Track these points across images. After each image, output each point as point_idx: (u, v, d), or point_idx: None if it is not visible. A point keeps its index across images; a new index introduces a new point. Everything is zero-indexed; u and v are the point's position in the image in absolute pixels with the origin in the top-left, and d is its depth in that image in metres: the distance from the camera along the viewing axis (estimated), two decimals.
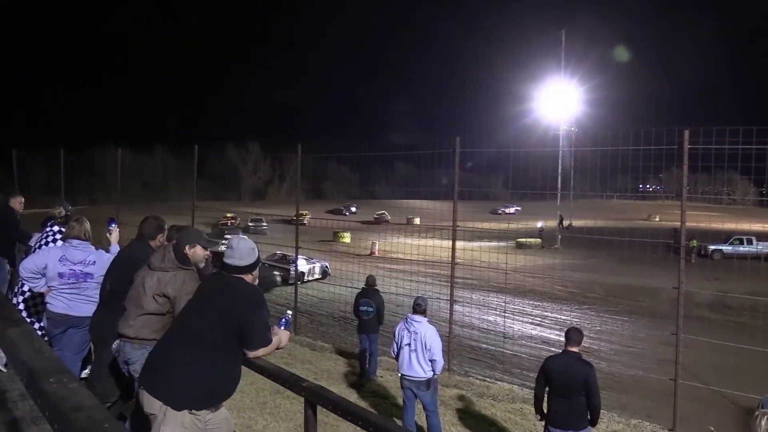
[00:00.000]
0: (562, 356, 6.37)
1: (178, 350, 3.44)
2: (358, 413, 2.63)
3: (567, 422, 6.12)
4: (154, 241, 5.11)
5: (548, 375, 6.25)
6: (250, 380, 6.27)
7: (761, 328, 14.93)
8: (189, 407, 3.35)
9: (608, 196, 47.90)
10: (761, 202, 32.28)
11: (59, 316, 5.50)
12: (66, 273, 5.44)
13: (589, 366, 6.21)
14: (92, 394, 1.43)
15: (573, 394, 6.06)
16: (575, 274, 28.40)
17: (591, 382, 6.05)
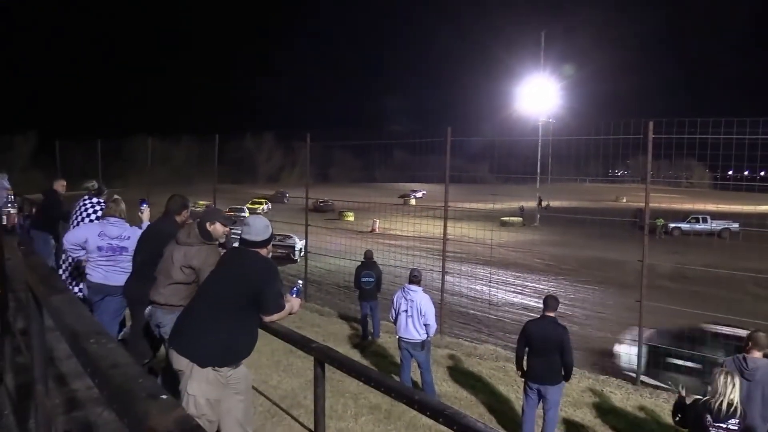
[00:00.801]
0: (540, 320, 6.45)
1: (203, 315, 3.47)
2: (361, 370, 2.65)
3: (544, 378, 6.22)
4: (179, 217, 5.11)
5: (528, 336, 6.34)
6: (266, 341, 6.27)
7: (714, 296, 15.01)
8: (212, 364, 3.39)
9: (581, 180, 47.76)
10: (715, 186, 32.22)
11: (97, 285, 5.54)
12: (104, 246, 5.48)
13: (564, 329, 6.32)
14: (128, 353, 1.44)
15: (550, 353, 6.17)
16: (552, 249, 28.44)
17: (565, 342, 6.17)
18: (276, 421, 5.59)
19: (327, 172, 72.36)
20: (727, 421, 4.25)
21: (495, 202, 28.16)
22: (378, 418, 6.36)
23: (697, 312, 10.64)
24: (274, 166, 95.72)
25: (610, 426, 7.33)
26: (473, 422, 1.96)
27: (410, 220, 20.92)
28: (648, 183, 9.35)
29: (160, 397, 1.09)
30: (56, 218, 9.03)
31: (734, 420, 4.26)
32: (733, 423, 4.26)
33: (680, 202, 40.49)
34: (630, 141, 9.83)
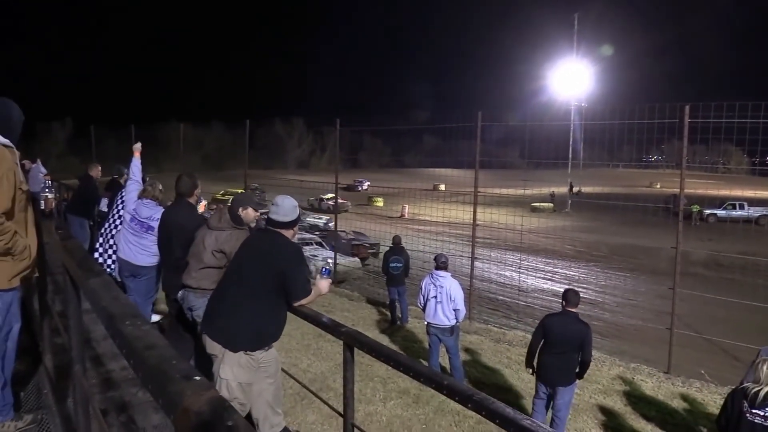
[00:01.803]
0: (562, 315, 6.11)
1: (233, 299, 3.52)
2: (390, 355, 2.66)
3: (557, 380, 5.92)
4: (191, 198, 5.18)
5: (547, 331, 6.02)
6: (296, 325, 6.36)
7: (749, 284, 14.66)
8: (244, 349, 3.44)
9: (614, 165, 47.07)
10: (753, 171, 31.48)
11: (124, 262, 5.77)
12: (135, 219, 5.73)
13: (587, 326, 5.99)
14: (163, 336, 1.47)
15: (569, 350, 5.88)
16: (583, 235, 28.13)
17: (587, 340, 5.87)
18: (306, 403, 5.67)
19: (356, 157, 72.42)
20: (765, 408, 4.11)
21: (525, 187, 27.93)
22: (406, 402, 6.40)
23: (731, 300, 10.44)
24: (305, 151, 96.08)
25: (641, 414, 7.26)
26: (502, 408, 1.96)
27: (440, 206, 20.87)
28: (683, 168, 9.16)
29: (193, 378, 1.12)
30: (92, 203, 9.23)
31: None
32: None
33: (716, 188, 39.66)
34: (665, 125, 9.63)
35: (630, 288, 20.63)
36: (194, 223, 4.77)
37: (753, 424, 4.11)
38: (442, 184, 44.54)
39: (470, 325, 10.88)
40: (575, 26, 50.55)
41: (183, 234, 4.73)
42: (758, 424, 4.09)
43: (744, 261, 17.74)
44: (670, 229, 9.58)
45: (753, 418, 4.13)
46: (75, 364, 2.40)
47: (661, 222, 17.85)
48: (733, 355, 9.37)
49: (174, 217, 5.06)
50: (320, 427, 5.37)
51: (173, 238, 4.94)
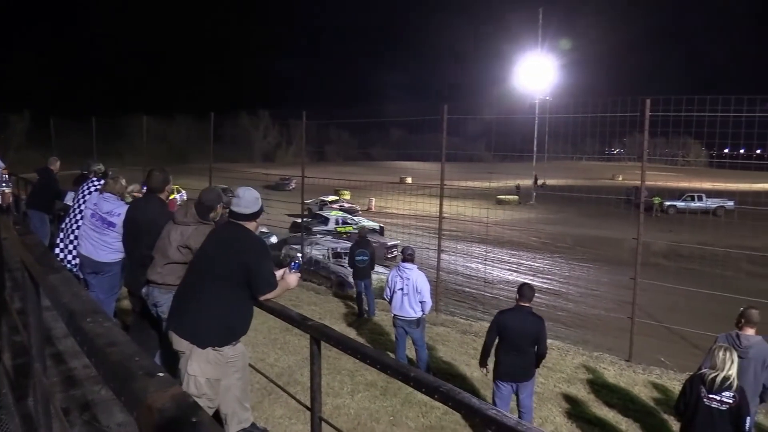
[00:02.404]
0: (516, 312, 6.02)
1: (199, 296, 3.48)
2: (357, 348, 2.66)
3: (518, 375, 5.89)
4: (162, 194, 5.09)
5: (503, 328, 5.93)
6: (263, 320, 6.33)
7: (708, 274, 15.09)
8: (212, 345, 3.41)
9: (578, 158, 47.74)
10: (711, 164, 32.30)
11: (85, 258, 5.66)
12: (96, 215, 5.62)
13: (541, 320, 5.98)
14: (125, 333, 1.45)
15: (526, 346, 5.86)
16: (548, 227, 28.53)
17: (543, 334, 5.88)
18: (273, 398, 5.65)
19: (323, 150, 72.05)
20: (721, 393, 4.36)
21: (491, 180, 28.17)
22: (374, 395, 6.42)
23: (690, 289, 10.71)
24: (270, 144, 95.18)
25: (603, 401, 7.42)
26: (468, 398, 1.98)
27: (406, 199, 20.91)
28: (644, 161, 9.35)
29: (156, 374, 1.10)
30: (51, 197, 9.03)
31: (728, 393, 4.35)
32: (727, 396, 4.35)
33: (676, 180, 40.59)
34: (626, 119, 9.82)
35: (593, 278, 21.01)
36: (165, 219, 4.71)
37: (710, 409, 4.35)
38: (408, 176, 44.69)
39: (437, 317, 10.96)
40: (540, 20, 51.09)
41: (153, 230, 4.66)
42: (715, 408, 4.36)
43: (702, 251, 18.24)
44: (632, 220, 9.77)
45: (710, 403, 4.38)
46: (35, 363, 2.35)
47: (623, 213, 18.19)
48: (692, 343, 9.62)
49: (143, 212, 4.94)
50: (288, 422, 5.36)
51: (143, 234, 4.86)
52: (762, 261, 19.96)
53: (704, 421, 4.41)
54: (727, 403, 4.36)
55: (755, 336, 5.52)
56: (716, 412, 4.37)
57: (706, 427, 4.41)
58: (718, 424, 4.36)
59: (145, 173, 5.92)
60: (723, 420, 4.34)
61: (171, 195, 12.76)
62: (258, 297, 3.46)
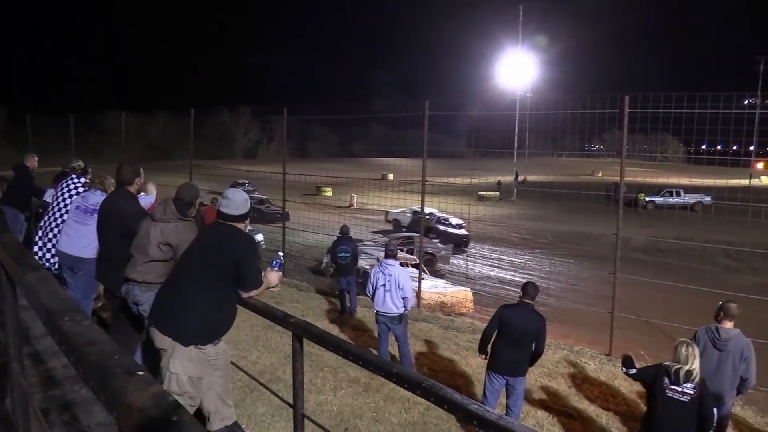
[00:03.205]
0: (519, 308, 6.11)
1: (183, 292, 3.46)
2: (339, 344, 2.66)
3: (515, 370, 5.97)
4: (132, 186, 5.05)
5: (505, 322, 6.01)
6: (245, 317, 6.30)
7: (686, 268, 15.30)
8: (195, 342, 3.39)
9: (558, 154, 48.16)
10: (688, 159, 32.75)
11: (62, 254, 5.59)
12: (81, 206, 5.56)
13: (543, 319, 6.10)
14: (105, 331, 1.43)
15: (526, 342, 5.95)
16: (529, 223, 28.71)
17: (543, 332, 5.99)
18: (255, 395, 5.63)
19: (304, 147, 71.76)
20: (683, 385, 4.64)
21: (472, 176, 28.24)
22: (357, 391, 6.43)
23: (669, 284, 10.85)
24: (251, 141, 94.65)
25: (584, 395, 7.49)
26: (450, 393, 1.99)
27: (388, 195, 20.95)
28: (623, 157, 9.44)
29: (136, 373, 1.09)
30: (27, 194, 8.90)
31: (690, 384, 4.62)
32: (688, 387, 4.62)
33: (654, 176, 41.09)
34: (606, 115, 9.90)
35: (573, 273, 21.21)
36: (132, 212, 4.66)
37: (672, 400, 4.68)
38: (390, 173, 44.73)
39: (419, 313, 10.99)
40: (520, 17, 51.33)
41: (120, 223, 4.62)
42: (676, 399, 4.67)
43: (680, 246, 18.49)
44: (611, 216, 9.86)
45: (672, 394, 4.68)
46: (12, 363, 2.32)
47: (602, 209, 18.35)
48: (671, 336, 9.66)
49: (112, 205, 4.92)
50: (270, 419, 5.34)
51: (110, 226, 4.81)
52: (738, 255, 20.29)
53: (667, 411, 4.70)
54: (688, 394, 4.63)
55: (734, 329, 5.62)
56: (678, 403, 4.66)
57: (669, 416, 4.70)
58: (680, 414, 4.65)
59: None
60: (684, 410, 4.64)
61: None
62: (244, 292, 3.47)
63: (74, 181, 6.38)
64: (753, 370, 5.57)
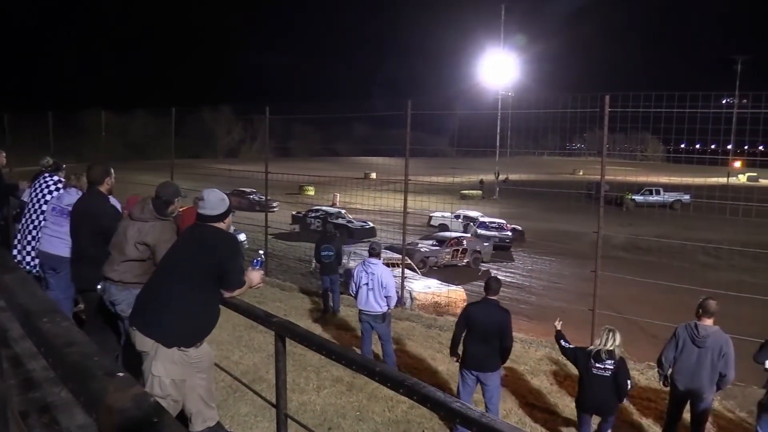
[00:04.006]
0: (483, 304, 6.13)
1: (166, 293, 3.42)
2: (322, 344, 2.66)
3: (484, 365, 5.98)
4: (102, 186, 5.00)
5: (470, 320, 6.05)
6: (227, 317, 6.25)
7: (665, 266, 15.48)
8: (178, 344, 3.35)
9: (539, 153, 48.44)
10: (668, 158, 33.11)
11: (43, 254, 5.53)
12: (57, 208, 5.48)
13: (507, 313, 6.06)
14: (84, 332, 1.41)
15: (491, 338, 5.93)
16: (511, 221, 28.83)
17: (508, 327, 5.95)
18: (238, 396, 5.60)
19: (287, 146, 71.49)
20: (605, 362, 5.60)
21: (455, 175, 28.32)
22: (340, 390, 6.42)
23: (649, 281, 10.96)
24: (234, 140, 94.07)
25: (566, 392, 7.55)
26: (433, 392, 2.00)
27: (371, 194, 20.95)
28: (604, 156, 9.51)
29: (116, 374, 1.08)
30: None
31: (611, 361, 5.59)
32: (609, 363, 5.59)
33: (634, 175, 41.50)
34: (587, 114, 9.97)
35: (555, 272, 21.39)
36: (102, 212, 4.62)
37: (597, 376, 5.63)
38: (373, 172, 44.73)
39: (402, 312, 11.00)
40: (502, 17, 51.59)
41: (92, 223, 4.58)
42: (600, 375, 5.62)
43: (660, 244, 18.70)
44: (592, 214, 9.94)
45: (597, 371, 5.63)
46: None
47: (584, 207, 18.51)
48: (651, 333, 9.84)
49: (83, 205, 4.89)
50: (253, 419, 5.31)
51: (81, 226, 4.77)
52: (716, 252, 20.58)
53: (594, 385, 5.66)
54: (609, 369, 5.58)
55: (712, 326, 5.70)
56: (602, 378, 5.61)
57: (594, 390, 5.67)
58: (605, 385, 5.61)
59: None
60: (607, 383, 5.60)
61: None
62: (227, 292, 3.45)
63: (47, 180, 6.29)
64: (731, 366, 5.65)
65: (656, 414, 6.98)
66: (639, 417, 7.04)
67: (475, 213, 28.95)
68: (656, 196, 38.41)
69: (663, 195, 38.00)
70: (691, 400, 5.87)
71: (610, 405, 5.77)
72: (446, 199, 24.24)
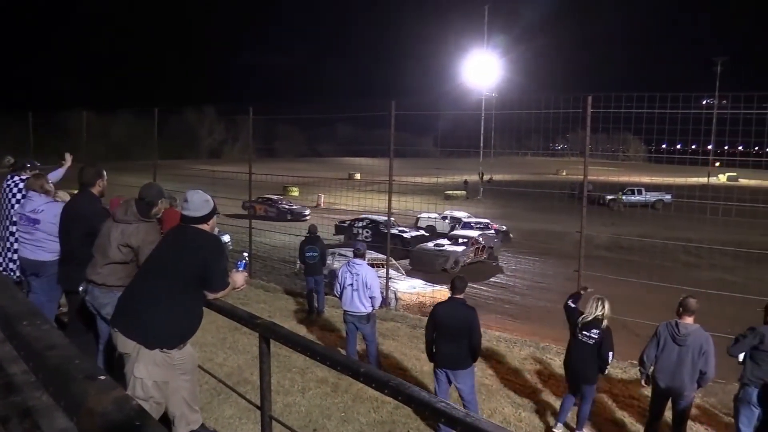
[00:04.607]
0: (448, 303, 6.14)
1: (148, 295, 3.39)
2: (306, 345, 2.66)
3: (454, 362, 5.97)
4: (95, 188, 4.95)
5: (436, 320, 6.04)
6: (211, 319, 6.22)
7: (647, 265, 15.62)
8: (161, 346, 3.32)
9: (523, 153, 48.68)
10: (649, 158, 33.49)
11: (23, 260, 5.48)
12: (23, 217, 5.40)
13: (473, 310, 6.04)
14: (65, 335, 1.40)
15: (459, 336, 5.90)
16: (495, 221, 28.95)
17: (474, 324, 5.91)
18: (222, 398, 5.56)
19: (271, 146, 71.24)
20: (590, 330, 6.12)
21: (439, 176, 28.39)
22: (325, 392, 6.40)
23: (631, 280, 11.06)
24: (217, 140, 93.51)
25: (551, 391, 7.59)
26: (418, 392, 2.00)
27: (355, 195, 20.93)
28: (586, 156, 9.59)
29: (98, 377, 1.07)
30: None
31: (596, 330, 6.09)
32: (594, 332, 6.10)
33: (617, 175, 41.86)
34: (569, 115, 10.04)
35: (539, 271, 21.49)
36: (93, 212, 4.57)
37: (581, 342, 6.19)
38: (357, 173, 44.73)
39: (387, 313, 11.01)
40: (486, 18, 51.79)
41: (81, 224, 4.53)
42: (584, 342, 6.16)
43: (642, 243, 18.88)
44: (576, 214, 10.01)
45: (582, 338, 6.18)
46: None
47: (567, 207, 18.66)
48: (633, 332, 9.91)
49: (74, 206, 4.85)
50: (238, 421, 5.29)
51: (72, 228, 4.72)
52: (697, 251, 20.81)
53: (578, 350, 6.24)
54: (593, 338, 6.09)
55: (693, 324, 5.76)
56: (585, 345, 6.15)
57: (578, 354, 6.22)
58: (587, 352, 6.13)
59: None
60: (590, 350, 6.11)
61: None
62: (210, 293, 3.43)
63: (14, 180, 6.20)
64: (712, 364, 5.71)
65: (639, 411, 7.04)
66: (622, 415, 7.10)
67: (462, 213, 28.98)
68: (638, 195, 38.79)
69: (645, 195, 38.39)
70: (673, 398, 5.92)
71: (588, 372, 6.19)
72: (430, 199, 24.26)
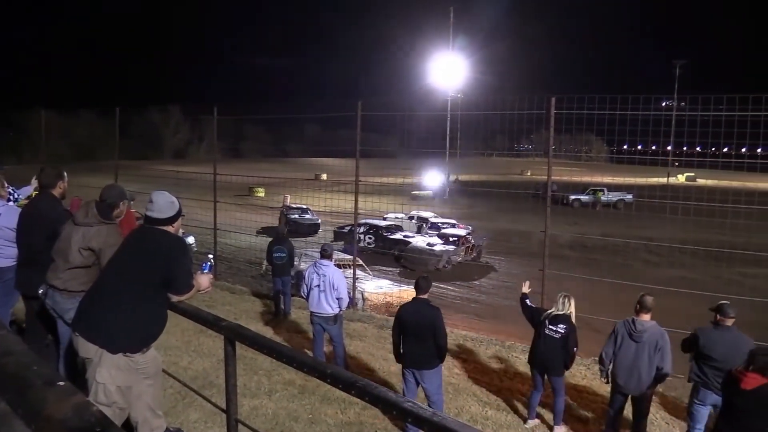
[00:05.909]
0: (412, 303, 6.16)
1: (111, 298, 3.32)
2: (273, 347, 2.64)
3: (420, 362, 5.98)
4: (55, 190, 4.84)
5: (401, 321, 6.06)
6: (175, 322, 6.12)
7: (609, 263, 15.92)
8: (124, 350, 3.25)
9: (488, 153, 49.19)
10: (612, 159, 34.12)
11: None
12: None
13: (437, 310, 6.06)
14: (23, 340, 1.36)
15: (424, 337, 5.91)
16: (461, 221, 29.15)
17: (438, 324, 5.92)
18: (187, 402, 5.49)
19: (237, 147, 70.48)
20: (557, 325, 6.42)
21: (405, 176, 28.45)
22: (292, 394, 6.37)
23: (593, 278, 11.26)
24: (181, 140, 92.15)
25: (516, 389, 7.68)
26: (385, 392, 2.00)
27: (322, 195, 20.86)
28: (550, 156, 9.72)
29: (57, 384, 1.05)
30: None
31: (562, 325, 6.40)
32: (561, 327, 6.41)
33: (580, 175, 42.55)
34: (534, 116, 10.18)
35: (505, 271, 21.72)
36: (54, 214, 4.47)
37: (548, 336, 6.46)
38: (324, 173, 44.55)
39: (354, 313, 11.00)
40: (451, 19, 52.14)
41: (42, 227, 4.43)
42: (551, 336, 6.44)
43: (605, 242, 19.25)
44: (540, 214, 10.13)
45: (548, 332, 6.45)
46: None
47: (531, 207, 18.91)
48: (594, 329, 10.07)
49: (35, 209, 4.73)
50: (203, 425, 5.22)
51: (33, 231, 4.60)
52: (658, 250, 21.28)
53: (544, 345, 6.48)
54: (560, 332, 6.39)
55: (649, 321, 5.90)
56: (552, 339, 6.42)
57: (545, 348, 6.46)
58: (554, 346, 6.41)
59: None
60: (557, 344, 6.40)
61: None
62: (175, 296, 3.37)
63: None
64: (668, 360, 5.84)
65: (601, 408, 7.16)
66: (585, 411, 7.22)
67: (429, 213, 29.08)
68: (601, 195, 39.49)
69: (607, 195, 39.10)
70: (632, 394, 6.04)
71: (555, 364, 6.49)
72: (397, 199, 24.31)
